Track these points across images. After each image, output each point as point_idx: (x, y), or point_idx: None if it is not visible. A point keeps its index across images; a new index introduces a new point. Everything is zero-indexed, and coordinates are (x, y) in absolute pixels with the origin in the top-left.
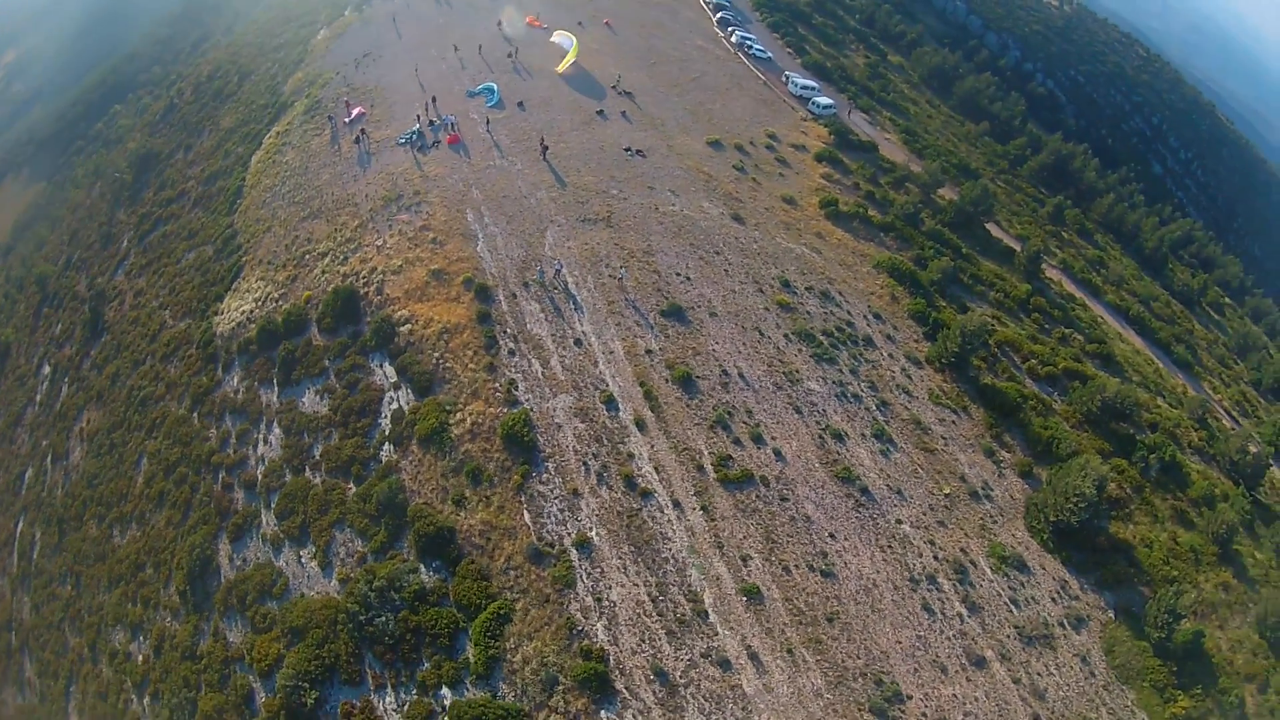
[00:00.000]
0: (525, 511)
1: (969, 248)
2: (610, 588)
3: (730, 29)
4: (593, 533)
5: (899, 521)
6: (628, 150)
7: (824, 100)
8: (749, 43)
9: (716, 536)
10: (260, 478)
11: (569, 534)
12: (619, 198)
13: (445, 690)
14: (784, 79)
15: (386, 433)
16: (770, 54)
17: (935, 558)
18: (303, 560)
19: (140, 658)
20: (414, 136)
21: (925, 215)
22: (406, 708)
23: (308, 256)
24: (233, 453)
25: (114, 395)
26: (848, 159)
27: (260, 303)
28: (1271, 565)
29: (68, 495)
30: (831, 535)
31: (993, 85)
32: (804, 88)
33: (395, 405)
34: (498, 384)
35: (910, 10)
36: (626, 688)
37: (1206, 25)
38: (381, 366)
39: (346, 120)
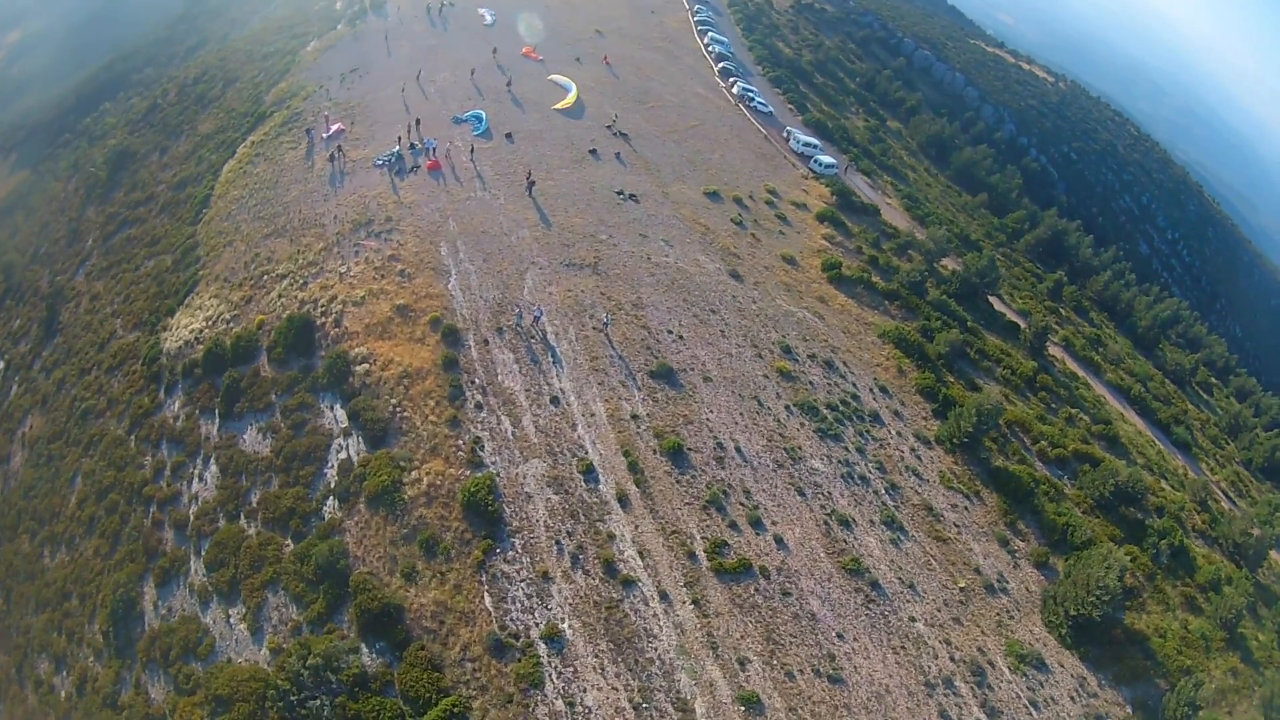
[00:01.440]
0: (486, 594)
1: (974, 321)
2: (585, 690)
3: (732, 80)
4: (565, 624)
5: (912, 619)
6: (620, 193)
7: (826, 159)
8: (750, 95)
9: (710, 635)
10: (192, 519)
11: (537, 624)
12: (608, 243)
13: None
14: (785, 135)
15: (332, 485)
16: (771, 108)
17: (951, 659)
18: (231, 620)
19: (63, 693)
20: (393, 159)
21: (929, 285)
22: None
23: (266, 277)
24: (166, 486)
25: (58, 403)
26: (850, 221)
27: (211, 322)
28: (1274, 647)
29: (4, 502)
30: (839, 635)
31: (989, 157)
32: (806, 144)
33: (344, 454)
34: (461, 441)
35: (909, 78)
36: None
37: (1198, 109)
38: (332, 409)
39: (324, 136)
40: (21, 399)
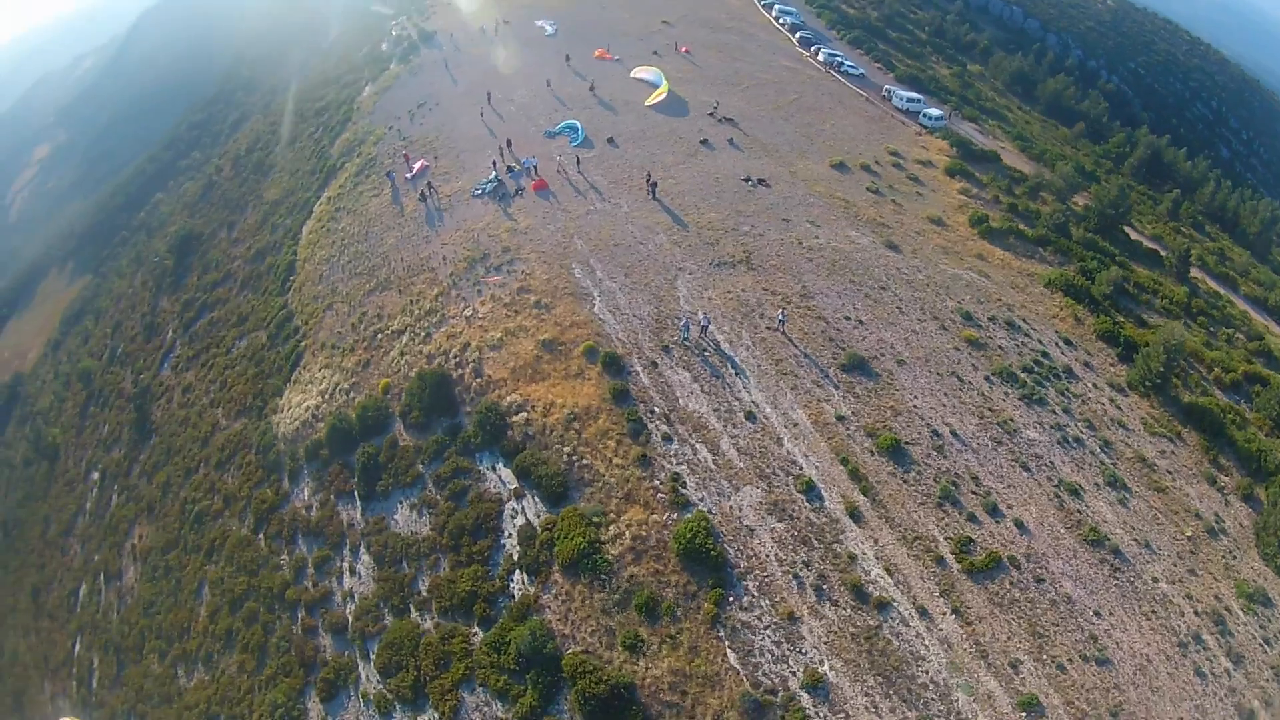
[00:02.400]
0: (729, 650)
1: (1120, 254)
2: None
3: (814, 48)
4: (825, 667)
5: (1155, 580)
6: (747, 180)
7: (934, 111)
8: (839, 60)
9: (977, 643)
10: (351, 619)
11: (794, 673)
12: (753, 234)
13: None
14: (884, 94)
15: (515, 557)
16: (862, 70)
17: (1195, 613)
18: None
19: None
20: (492, 185)
21: (1072, 225)
22: None
23: (380, 336)
24: (312, 586)
25: (166, 508)
26: (977, 171)
27: (327, 396)
28: None
29: (124, 622)
30: (1096, 613)
31: (1071, 86)
32: (910, 100)
33: (521, 519)
34: (658, 481)
35: (970, 19)
36: None
37: (1233, 3)
38: (495, 469)
39: (408, 176)
40: (125, 509)
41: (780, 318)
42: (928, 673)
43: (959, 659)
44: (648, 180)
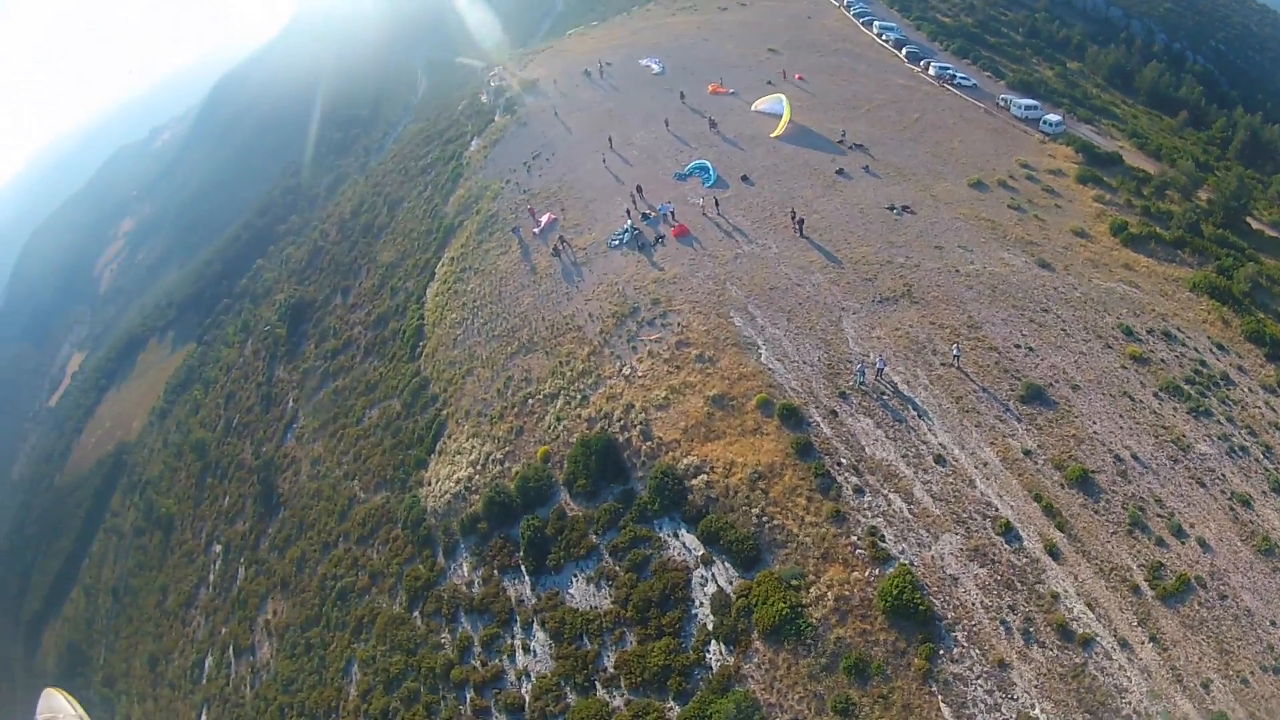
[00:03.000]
0: (942, 704)
1: (1250, 247)
2: None
3: (923, 62)
4: (1037, 710)
5: None
6: (891, 208)
7: (1053, 117)
8: (950, 73)
9: (1173, 668)
10: (529, 700)
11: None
12: (909, 265)
13: None
14: (1000, 103)
15: (710, 627)
16: (974, 81)
17: None
18: None
19: None
20: (629, 235)
21: (1201, 222)
22: None
23: (531, 401)
24: (481, 666)
25: (303, 584)
26: (1105, 175)
27: (479, 466)
28: None
29: (259, 698)
30: (1272, 623)
31: (1165, 73)
32: (1028, 108)
33: (711, 587)
34: (855, 537)
35: (1058, 15)
36: None
37: None
38: (677, 535)
39: (536, 231)
40: (255, 583)
41: (955, 353)
42: (1130, 704)
43: (1158, 686)
44: (793, 218)
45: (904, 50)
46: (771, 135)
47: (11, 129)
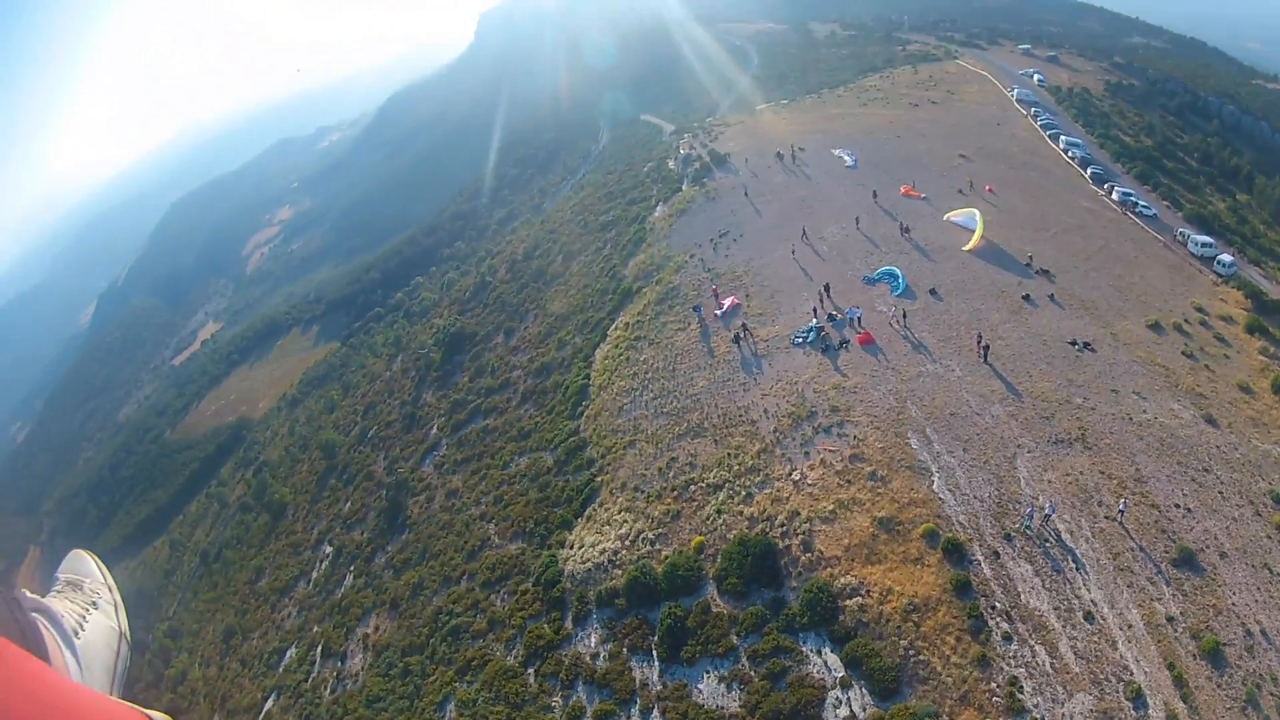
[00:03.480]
0: None
1: None
2: None
3: (1107, 185)
4: None
5: None
6: (1073, 344)
7: (1226, 258)
8: (1132, 199)
9: None
10: None
11: None
12: (1085, 408)
13: None
14: (1178, 237)
15: None
16: (1155, 210)
17: None
18: None
19: None
20: (813, 334)
21: None
22: None
23: (693, 488)
24: None
25: (414, 610)
26: (1271, 326)
27: (627, 542)
28: None
29: (339, 704)
30: None
31: None
32: (1204, 245)
33: (845, 711)
34: (995, 684)
35: (1225, 139)
36: None
37: None
38: (820, 653)
39: (718, 313)
40: (361, 595)
41: (1121, 507)
42: None
43: None
44: (979, 342)
45: (1089, 170)
46: (963, 249)
47: (171, 98)
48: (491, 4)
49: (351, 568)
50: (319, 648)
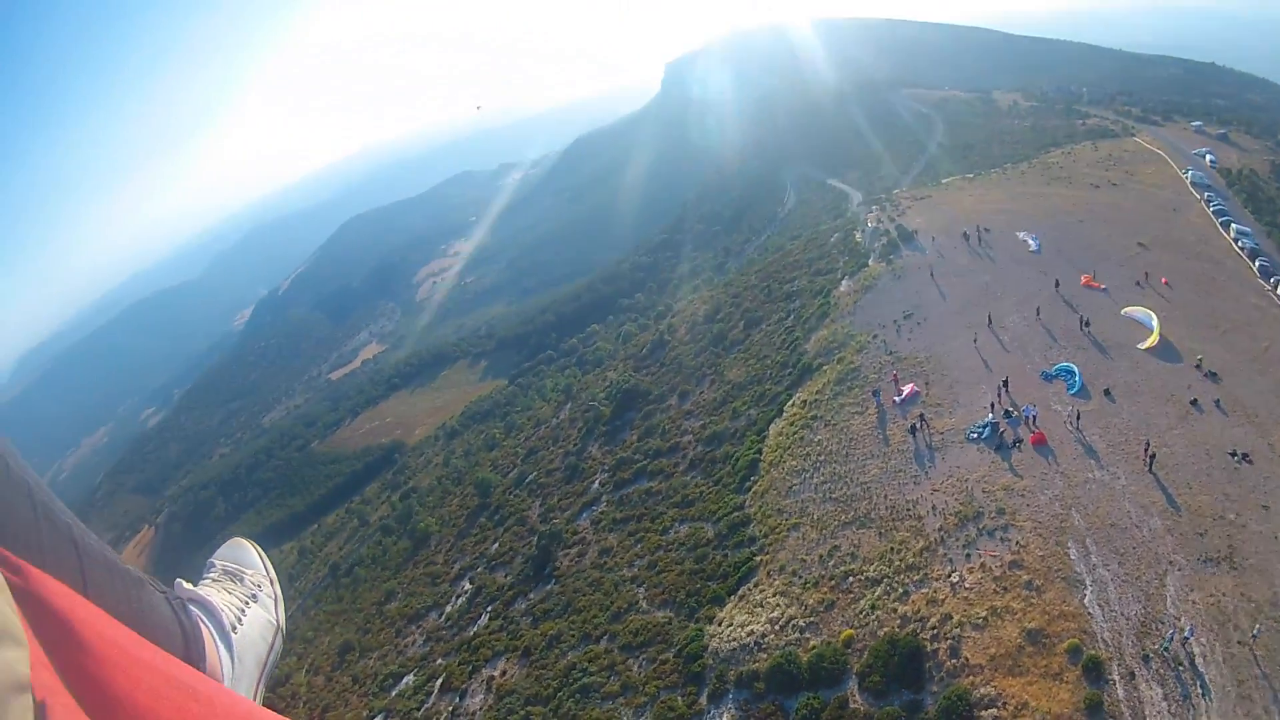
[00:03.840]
0: None
1: None
2: None
3: (1273, 279)
4: None
5: None
6: (1233, 454)
7: None
8: None
9: None
10: None
11: None
12: (1236, 524)
13: None
14: None
15: None
16: None
17: None
18: None
19: None
20: (989, 430)
21: None
22: None
23: (851, 579)
24: None
25: (547, 661)
26: None
27: (777, 626)
28: None
29: None
30: None
31: None
32: None
33: None
34: None
35: None
36: None
37: None
38: None
39: (896, 400)
40: (494, 636)
41: (1255, 633)
42: None
43: None
44: (1146, 450)
45: (1256, 262)
46: (1139, 347)
47: (355, 118)
48: (679, 53)
49: (489, 608)
50: (439, 680)
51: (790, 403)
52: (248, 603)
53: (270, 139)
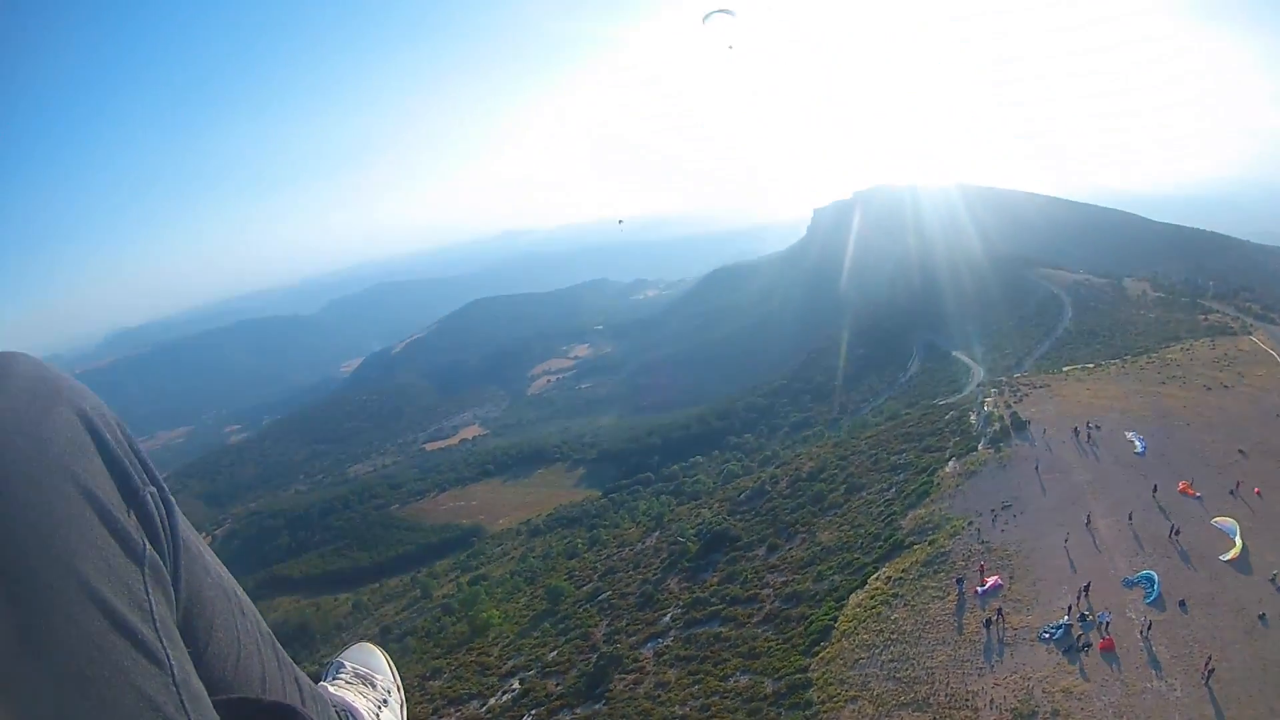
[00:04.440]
0: None
1: None
2: None
3: None
4: None
5: None
6: None
7: None
8: None
9: None
10: None
11: None
12: None
13: None
14: None
15: None
16: None
17: None
18: None
19: None
20: (1062, 632)
21: None
22: None
23: None
24: None
25: None
26: None
27: None
28: None
29: None
30: None
31: None
32: None
33: None
34: None
35: None
36: None
37: None
38: None
39: (979, 590)
40: None
41: None
42: None
43: None
44: (1206, 665)
45: None
46: (1221, 559)
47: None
48: (827, 200)
49: (533, 711)
50: None
51: (875, 576)
52: (380, 708)
53: (415, 207)
